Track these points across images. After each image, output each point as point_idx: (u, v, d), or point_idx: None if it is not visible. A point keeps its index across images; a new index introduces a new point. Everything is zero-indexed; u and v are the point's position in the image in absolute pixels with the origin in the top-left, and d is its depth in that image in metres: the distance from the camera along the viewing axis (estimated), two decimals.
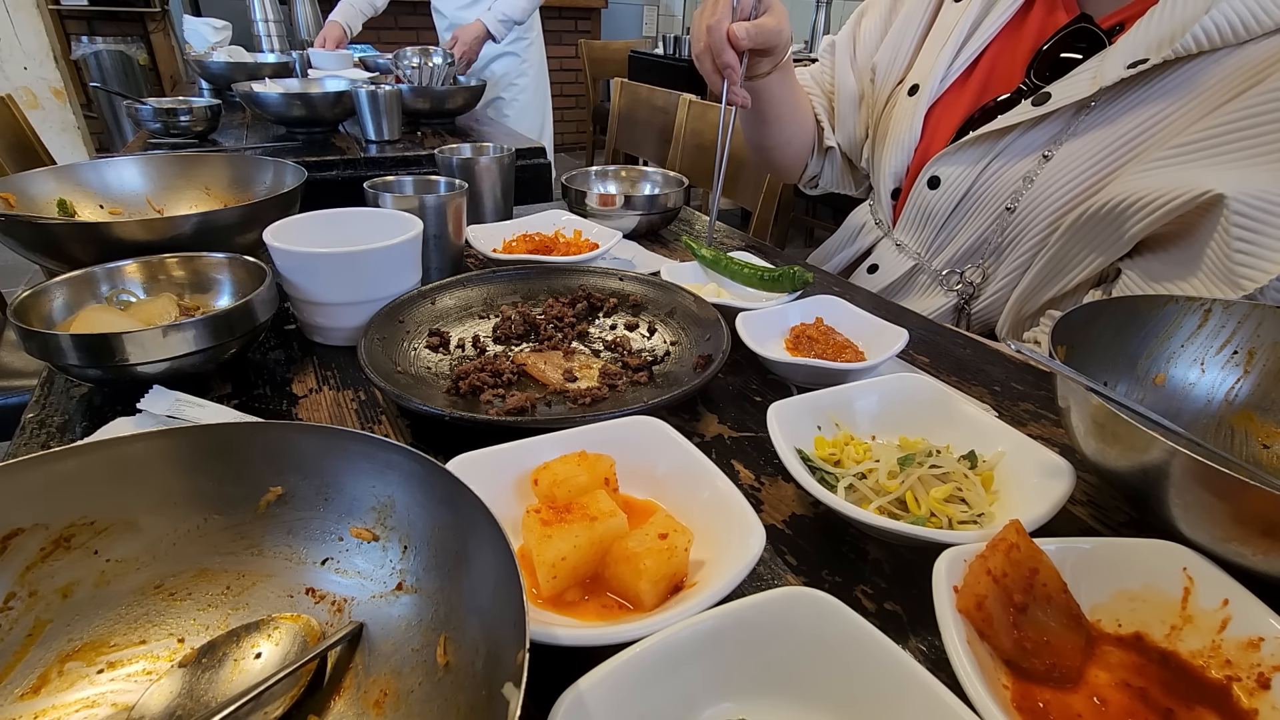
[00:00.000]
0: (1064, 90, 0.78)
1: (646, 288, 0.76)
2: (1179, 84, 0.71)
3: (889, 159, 0.96)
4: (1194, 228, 0.67)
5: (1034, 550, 0.37)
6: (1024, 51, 0.86)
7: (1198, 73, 0.70)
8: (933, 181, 0.90)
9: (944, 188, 0.89)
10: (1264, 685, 0.34)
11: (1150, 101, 0.73)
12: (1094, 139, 0.77)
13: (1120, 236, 0.71)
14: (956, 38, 0.90)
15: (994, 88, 0.88)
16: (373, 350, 0.60)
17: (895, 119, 0.96)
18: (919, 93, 0.93)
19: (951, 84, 0.91)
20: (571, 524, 0.39)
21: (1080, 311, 0.52)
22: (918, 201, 0.93)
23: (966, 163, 0.86)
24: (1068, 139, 0.79)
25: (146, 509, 0.37)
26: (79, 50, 3.82)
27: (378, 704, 0.33)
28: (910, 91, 0.95)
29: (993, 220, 0.86)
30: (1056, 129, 0.79)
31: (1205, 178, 0.65)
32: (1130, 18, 0.77)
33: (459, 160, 0.98)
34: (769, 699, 0.34)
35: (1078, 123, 0.78)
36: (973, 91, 0.90)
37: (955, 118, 0.90)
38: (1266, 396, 0.53)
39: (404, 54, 1.92)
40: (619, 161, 2.20)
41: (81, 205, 0.87)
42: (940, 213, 0.90)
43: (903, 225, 0.97)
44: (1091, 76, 0.76)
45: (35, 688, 0.33)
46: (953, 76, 0.91)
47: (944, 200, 0.89)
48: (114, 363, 0.54)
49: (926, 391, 0.56)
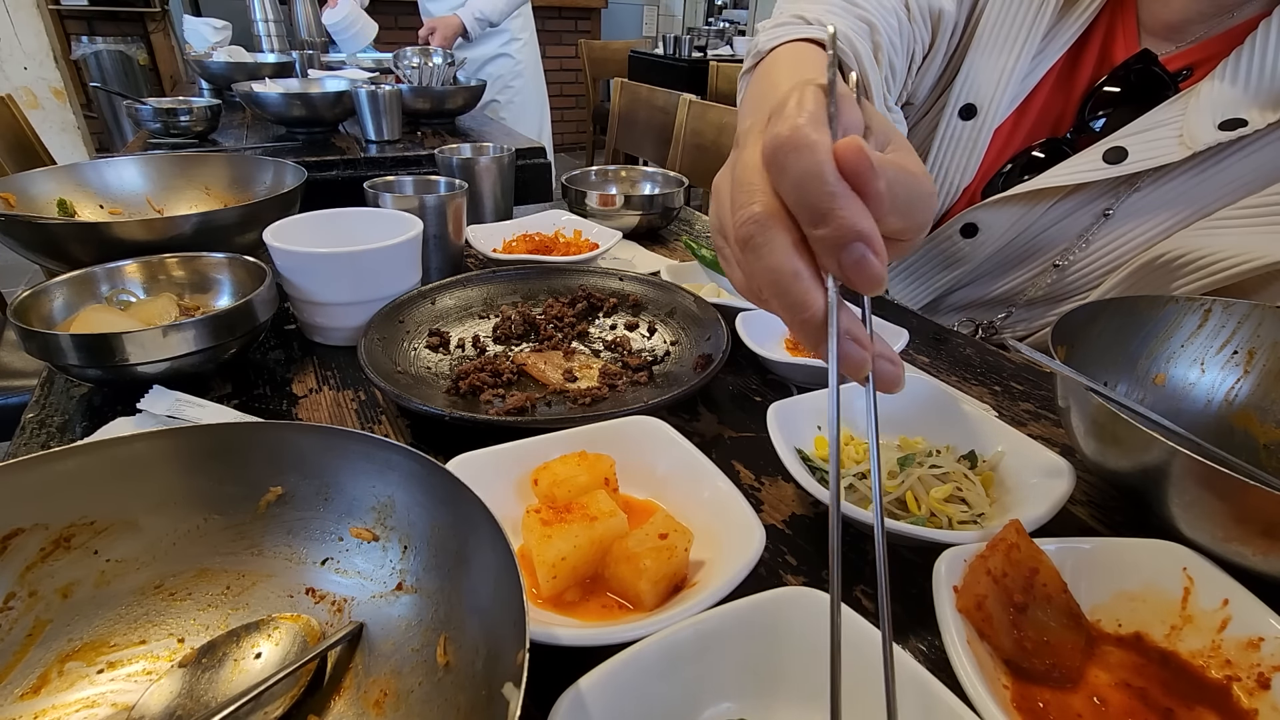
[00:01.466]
0: (1144, 149, 0.68)
1: (646, 288, 0.76)
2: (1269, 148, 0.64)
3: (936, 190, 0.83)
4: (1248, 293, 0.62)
5: (1034, 550, 0.37)
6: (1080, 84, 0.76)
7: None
8: (968, 229, 0.79)
9: (981, 238, 0.79)
10: (1264, 685, 0.34)
11: (1235, 165, 0.66)
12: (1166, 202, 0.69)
13: (1166, 289, 0.66)
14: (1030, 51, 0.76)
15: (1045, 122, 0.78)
16: (373, 350, 0.60)
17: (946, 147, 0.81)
18: (978, 118, 0.78)
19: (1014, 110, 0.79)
20: (571, 524, 0.39)
21: (1080, 311, 0.52)
22: (943, 248, 0.82)
23: (1014, 215, 0.76)
24: (1133, 195, 0.71)
25: (146, 509, 0.37)
26: (79, 50, 3.82)
27: (378, 704, 0.33)
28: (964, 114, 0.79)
29: (1035, 275, 0.78)
30: (1117, 184, 0.71)
31: (1269, 245, 0.60)
32: (1200, 62, 0.69)
33: (459, 160, 0.98)
34: (769, 699, 0.34)
35: (1146, 179, 0.70)
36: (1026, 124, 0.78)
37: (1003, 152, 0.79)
38: (1266, 396, 0.53)
39: (404, 54, 1.92)
40: (619, 161, 2.20)
41: (81, 205, 0.87)
42: (969, 262, 0.81)
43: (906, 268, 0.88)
44: (1178, 135, 0.67)
45: (35, 688, 0.33)
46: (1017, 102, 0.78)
47: (979, 249, 0.80)
48: (114, 363, 0.54)
49: (926, 391, 0.56)
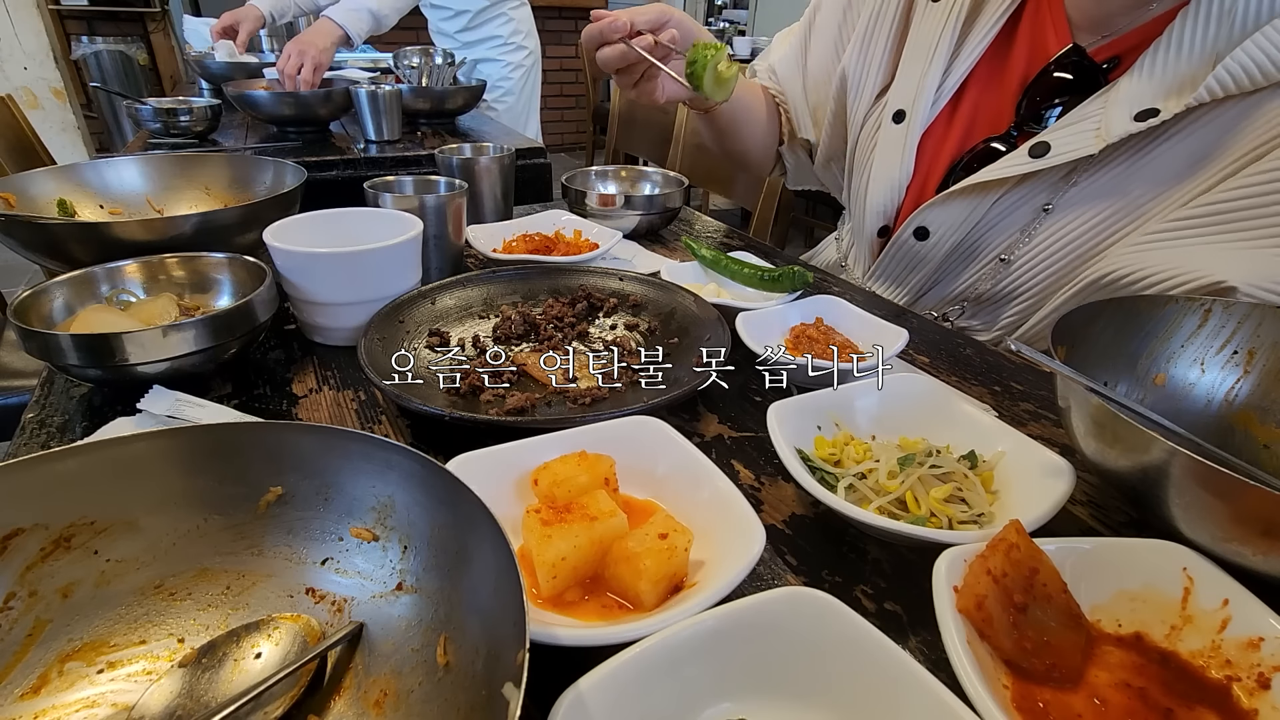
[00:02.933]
0: (1065, 143, 0.72)
1: (646, 288, 0.76)
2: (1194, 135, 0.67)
3: (876, 194, 0.89)
4: None
5: (1034, 550, 0.37)
6: (1013, 80, 0.79)
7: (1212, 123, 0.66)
8: (920, 232, 0.85)
9: (933, 239, 0.84)
10: (1264, 685, 0.34)
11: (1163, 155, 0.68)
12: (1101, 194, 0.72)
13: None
14: (943, 54, 0.82)
15: (982, 121, 0.81)
16: (373, 350, 0.60)
17: (881, 151, 0.88)
18: (906, 121, 0.85)
19: (940, 112, 0.84)
20: (571, 524, 0.39)
21: (1080, 311, 0.52)
22: (904, 251, 0.87)
23: (959, 213, 0.81)
24: (1071, 190, 0.73)
25: (146, 509, 0.37)
26: (79, 50, 3.82)
27: (378, 704, 0.33)
28: (895, 118, 0.86)
29: (986, 270, 0.82)
30: (1057, 177, 0.74)
31: (1212, 263, 0.62)
32: (1127, 51, 0.72)
33: (459, 160, 0.98)
34: (769, 699, 0.34)
35: (1081, 174, 0.73)
36: (962, 124, 0.83)
37: (945, 155, 0.84)
38: (1266, 396, 0.53)
39: (404, 54, 1.92)
40: (619, 161, 2.20)
41: (81, 205, 0.87)
42: (929, 263, 0.86)
43: (882, 272, 0.92)
44: (1095, 128, 0.70)
45: (35, 688, 0.33)
46: (943, 102, 0.84)
47: (934, 252, 0.84)
48: (114, 363, 0.54)
49: (926, 391, 0.56)
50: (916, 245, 0.86)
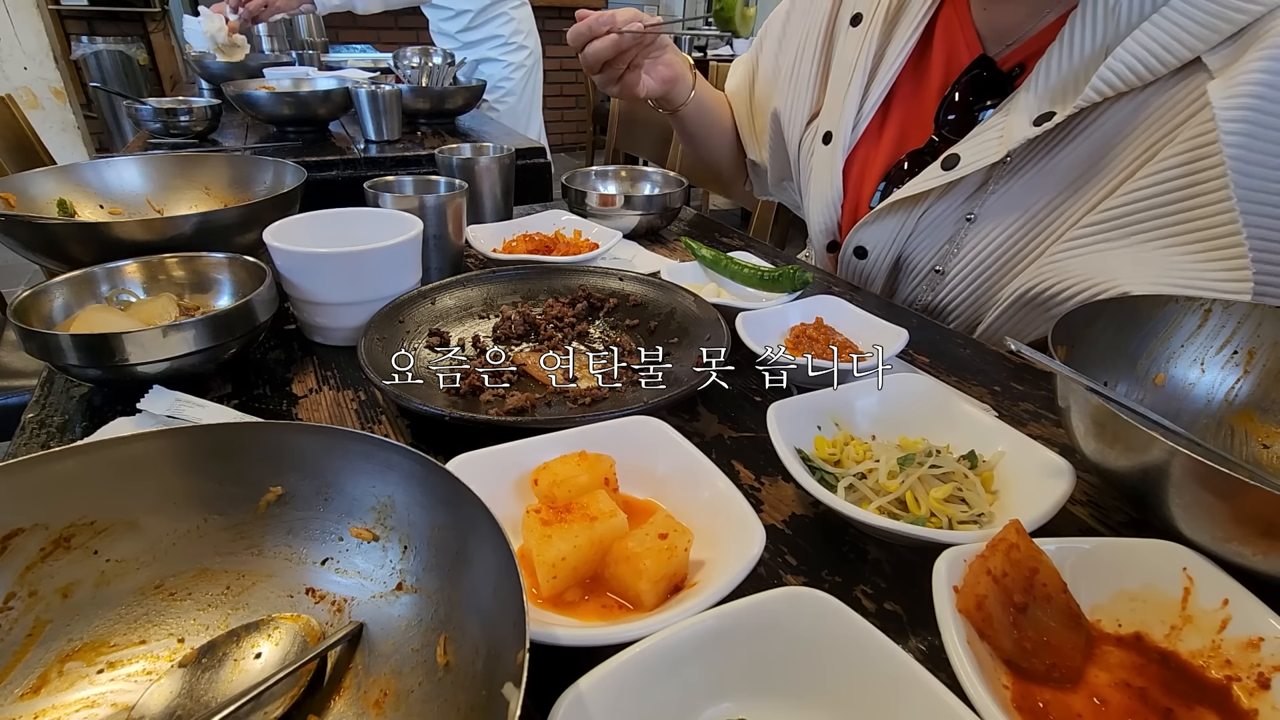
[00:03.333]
0: (972, 153, 0.74)
1: (646, 288, 0.76)
2: (1092, 136, 0.68)
3: (817, 215, 0.93)
4: None
5: (1034, 550, 0.37)
6: (932, 93, 0.82)
7: (1108, 123, 0.67)
8: (859, 251, 0.88)
9: (873, 257, 0.87)
10: (1264, 685, 0.34)
11: (1066, 158, 0.70)
12: (1016, 201, 0.74)
13: (1050, 317, 0.70)
14: (860, 75, 0.85)
15: (909, 136, 0.84)
16: (373, 350, 0.60)
17: (816, 171, 0.92)
18: (833, 143, 0.88)
19: (867, 129, 0.87)
20: (571, 524, 0.39)
21: (1080, 311, 0.52)
22: (851, 269, 0.91)
23: (890, 229, 0.83)
24: (989, 198, 0.76)
25: (146, 509, 0.37)
26: (79, 50, 3.82)
27: (378, 704, 0.33)
28: (825, 140, 0.90)
29: (924, 282, 0.84)
30: (974, 187, 0.76)
31: (1118, 270, 0.64)
32: (1030, 58, 0.73)
33: (459, 160, 0.98)
34: (769, 699, 0.34)
35: (996, 182, 0.75)
36: (889, 141, 0.85)
37: (875, 172, 0.86)
38: (1266, 396, 0.53)
39: (404, 54, 1.92)
40: (619, 161, 2.20)
41: (81, 205, 0.87)
42: (876, 279, 0.89)
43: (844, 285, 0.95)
44: (999, 135, 0.72)
45: (35, 688, 0.33)
46: (865, 121, 0.86)
47: (876, 269, 0.88)
48: (114, 363, 0.54)
49: (926, 391, 0.56)
50: (859, 264, 0.90)
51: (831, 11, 0.92)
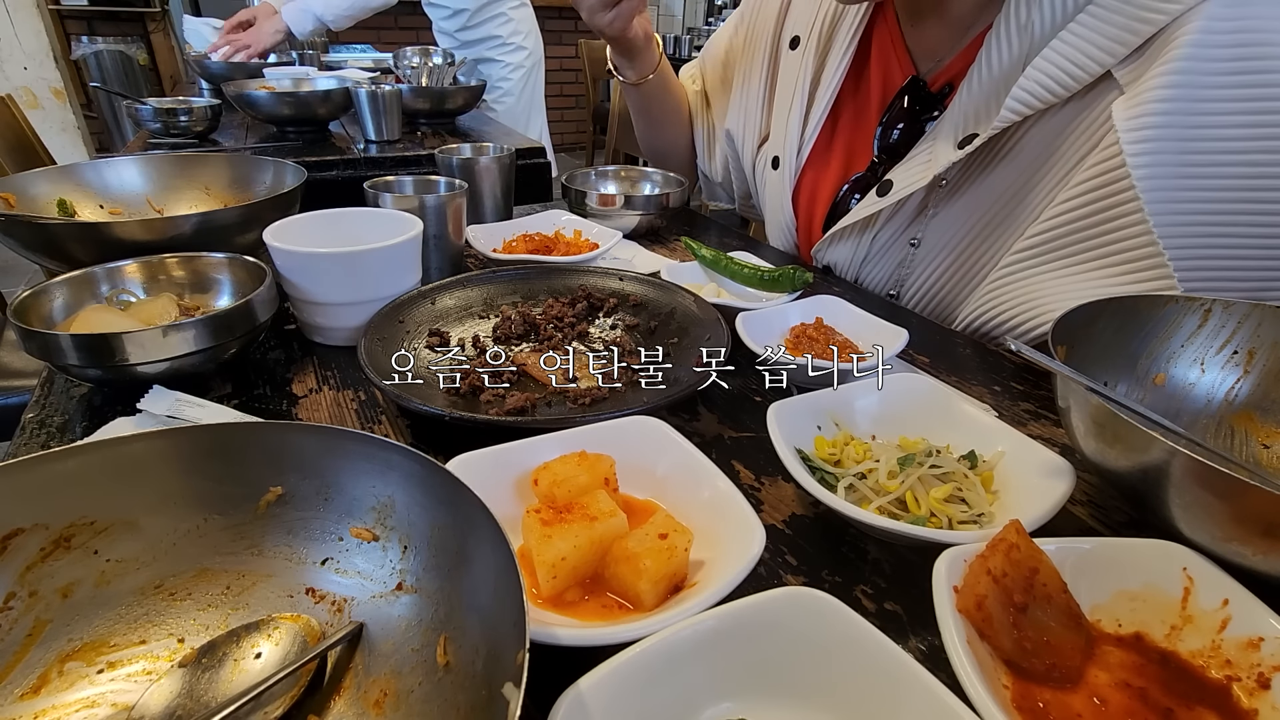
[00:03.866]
0: (904, 178, 0.74)
1: (646, 288, 0.76)
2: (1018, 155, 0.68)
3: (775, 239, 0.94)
4: None
5: (1034, 550, 0.37)
6: (871, 116, 0.82)
7: (1032, 141, 0.67)
8: (827, 270, 0.89)
9: (838, 276, 0.88)
10: (1264, 685, 0.34)
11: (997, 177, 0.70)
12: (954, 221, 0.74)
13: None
14: (800, 98, 0.85)
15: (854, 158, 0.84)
16: (373, 350, 0.60)
17: (768, 196, 0.93)
18: (780, 168, 0.89)
19: (813, 151, 0.87)
20: (571, 524, 0.39)
21: (1080, 311, 0.52)
22: None
23: (846, 252, 0.84)
24: (930, 221, 0.76)
25: (146, 509, 0.37)
26: (79, 50, 3.82)
27: (378, 704, 0.33)
28: (774, 164, 0.90)
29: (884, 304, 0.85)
30: (914, 212, 0.77)
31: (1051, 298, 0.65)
32: (956, 77, 0.73)
33: (459, 160, 0.98)
34: (769, 699, 0.34)
35: (935, 204, 0.75)
36: (837, 163, 0.86)
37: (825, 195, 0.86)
38: (1266, 396, 0.53)
39: (404, 54, 1.92)
40: (619, 161, 2.20)
41: (81, 205, 0.87)
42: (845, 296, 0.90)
43: None
44: (927, 160, 0.72)
45: (35, 688, 0.33)
46: (809, 144, 0.86)
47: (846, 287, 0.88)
48: (114, 363, 0.54)
49: (926, 391, 0.56)
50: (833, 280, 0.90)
51: (775, 32, 0.92)
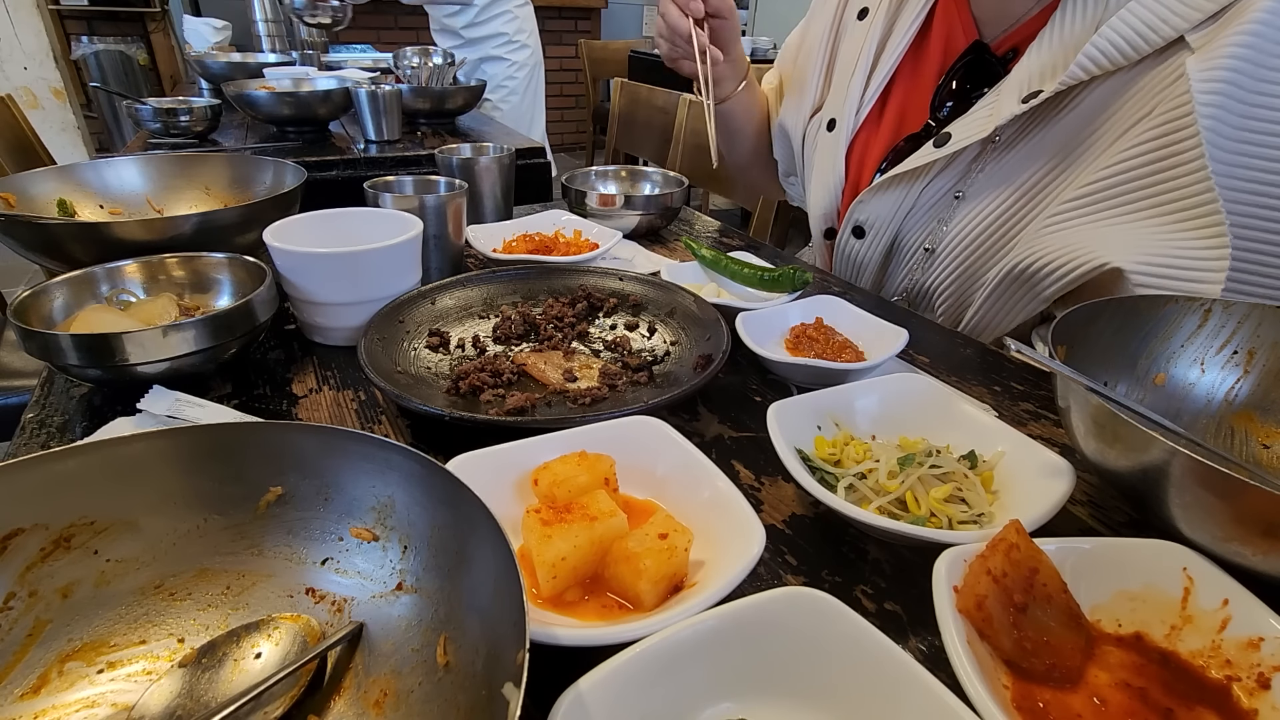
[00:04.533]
0: (963, 130, 0.76)
1: (646, 288, 0.76)
2: (1080, 114, 0.70)
3: (817, 200, 0.95)
4: (1106, 288, 0.67)
5: (1034, 550, 0.37)
6: (929, 80, 0.84)
7: (1096, 100, 0.69)
8: (858, 231, 0.90)
9: (869, 237, 0.89)
10: (1264, 685, 0.34)
11: (1054, 136, 0.71)
12: (1003, 178, 0.75)
13: (1037, 295, 0.71)
14: (864, 64, 0.88)
15: (907, 121, 0.86)
16: (373, 350, 0.60)
17: (819, 157, 0.95)
18: (836, 129, 0.91)
19: (868, 116, 0.90)
20: (571, 524, 0.39)
21: (1080, 311, 0.52)
22: (847, 252, 0.93)
23: (887, 207, 0.85)
24: (977, 177, 0.77)
25: (146, 509, 0.37)
26: (79, 50, 3.81)
27: (378, 704, 0.33)
28: (829, 126, 0.93)
29: (916, 261, 0.86)
30: (964, 167, 0.78)
31: (1101, 244, 0.65)
32: (1023, 42, 0.75)
33: (459, 160, 0.98)
34: (769, 699, 0.34)
35: (985, 160, 0.77)
36: (889, 125, 0.88)
37: (875, 156, 0.89)
38: (1266, 396, 0.53)
39: (404, 54, 1.92)
40: (619, 161, 2.20)
41: (81, 205, 0.87)
42: (871, 262, 0.90)
43: (838, 275, 0.97)
44: (989, 114, 0.74)
45: (35, 688, 0.33)
46: (867, 108, 0.89)
47: (872, 250, 0.89)
48: (114, 363, 0.54)
49: (926, 391, 0.56)
50: (856, 245, 0.91)
51: (837, 13, 0.95)
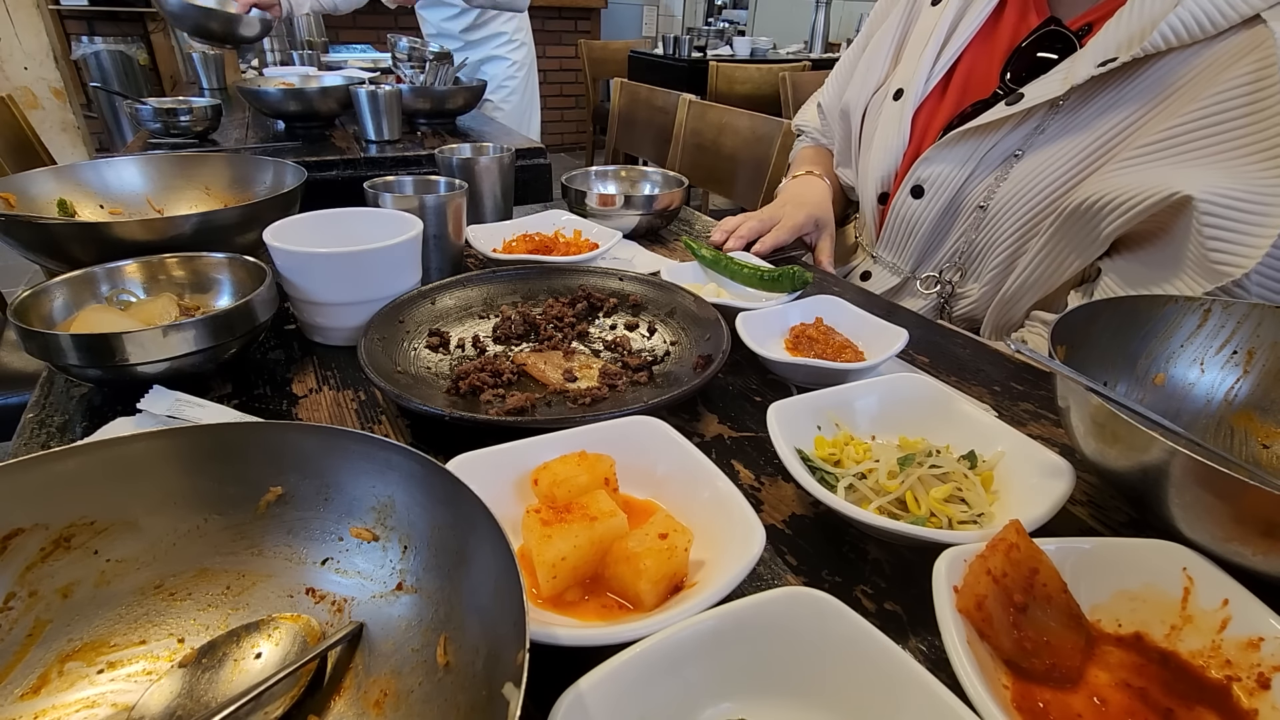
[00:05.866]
0: (1036, 90, 0.78)
1: (646, 288, 0.76)
2: (1150, 84, 0.72)
3: (876, 164, 0.97)
4: (1168, 226, 0.68)
5: (1034, 550, 0.37)
6: (1000, 55, 0.87)
7: (1167, 72, 0.70)
8: (916, 190, 0.91)
9: (928, 196, 0.90)
10: (1264, 685, 0.34)
11: (1122, 103, 0.73)
12: (1065, 139, 0.77)
13: (1096, 236, 0.72)
14: (936, 40, 0.91)
15: (973, 92, 0.89)
16: (373, 350, 0.60)
17: (882, 124, 0.97)
18: (904, 97, 0.94)
19: (934, 89, 0.93)
20: (571, 524, 0.39)
21: (1080, 311, 0.52)
22: (902, 213, 0.94)
23: (950, 164, 0.87)
24: (1039, 138, 0.79)
25: (146, 509, 0.37)
26: (79, 50, 3.82)
27: (378, 704, 0.33)
28: (895, 96, 0.95)
29: (970, 220, 0.87)
30: (1030, 129, 0.80)
31: (1172, 178, 0.65)
32: (1099, 19, 0.78)
33: (459, 160, 0.98)
34: (769, 699, 0.34)
35: (1050, 123, 0.79)
36: (953, 97, 0.91)
37: (939, 123, 0.91)
38: (1266, 396, 0.53)
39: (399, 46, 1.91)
40: (619, 161, 2.20)
41: (81, 205, 0.87)
42: (925, 223, 0.91)
43: (886, 240, 0.98)
44: (1063, 76, 0.76)
45: (35, 688, 0.33)
46: (935, 79, 0.92)
47: (929, 210, 0.90)
48: (114, 363, 0.54)
49: (926, 391, 0.56)
50: (913, 205, 0.92)
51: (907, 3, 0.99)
